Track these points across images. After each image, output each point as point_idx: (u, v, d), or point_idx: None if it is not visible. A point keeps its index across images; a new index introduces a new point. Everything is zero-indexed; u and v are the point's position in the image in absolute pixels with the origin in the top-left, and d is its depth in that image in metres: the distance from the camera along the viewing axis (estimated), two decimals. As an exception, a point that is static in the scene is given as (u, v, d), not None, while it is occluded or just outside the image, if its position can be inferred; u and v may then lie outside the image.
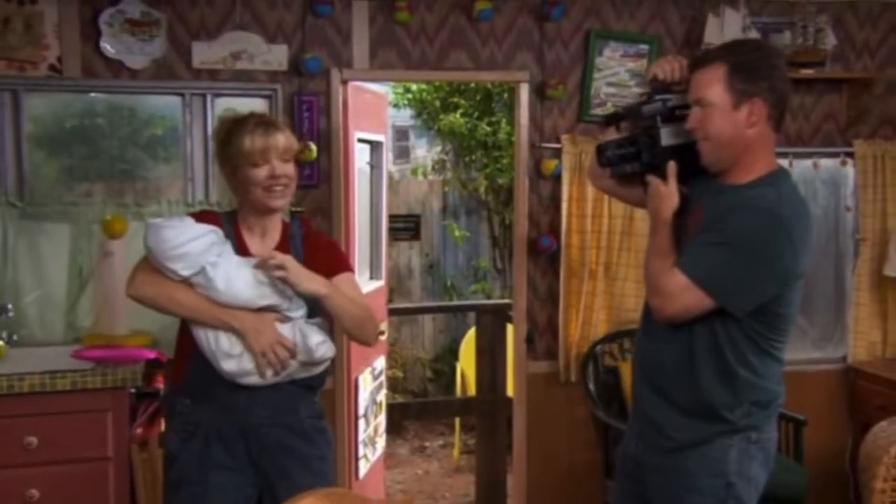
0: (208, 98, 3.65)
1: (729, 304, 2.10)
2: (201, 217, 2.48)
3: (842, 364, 4.32)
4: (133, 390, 3.04)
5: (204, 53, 3.61)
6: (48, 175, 3.70)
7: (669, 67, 2.30)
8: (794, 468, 3.63)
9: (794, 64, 3.98)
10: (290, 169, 2.44)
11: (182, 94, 3.65)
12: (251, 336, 2.33)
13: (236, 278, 2.35)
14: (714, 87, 2.12)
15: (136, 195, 3.73)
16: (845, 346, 4.32)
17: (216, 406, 2.38)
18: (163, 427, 3.12)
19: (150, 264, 2.38)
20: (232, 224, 2.50)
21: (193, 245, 2.33)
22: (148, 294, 2.38)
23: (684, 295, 2.11)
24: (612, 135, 2.47)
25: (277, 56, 3.67)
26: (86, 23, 3.51)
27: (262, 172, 2.38)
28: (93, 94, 3.68)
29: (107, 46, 3.51)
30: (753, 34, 3.89)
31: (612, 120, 2.51)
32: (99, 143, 3.72)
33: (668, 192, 2.22)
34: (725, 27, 3.85)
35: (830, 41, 4.02)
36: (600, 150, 2.46)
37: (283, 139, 2.42)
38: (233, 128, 2.42)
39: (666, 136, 2.27)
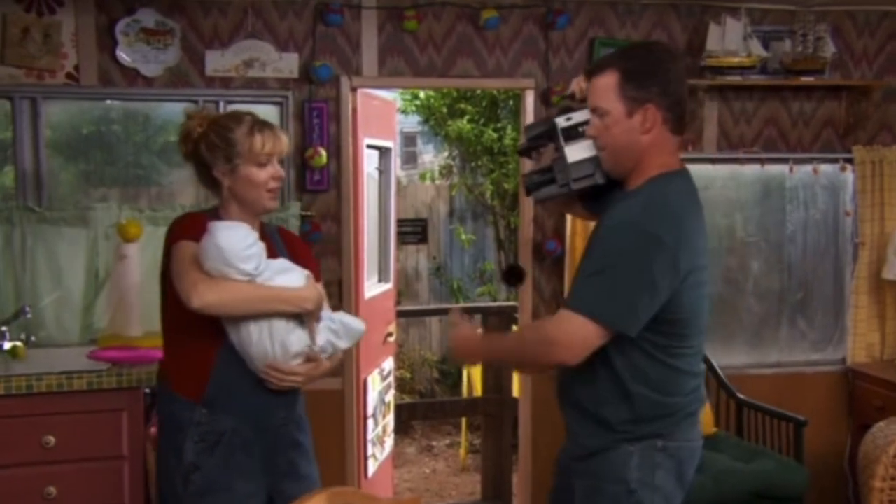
0: (221, 105, 3.65)
1: (620, 329, 2.00)
2: (191, 219, 2.41)
3: (841, 366, 4.32)
4: (147, 390, 3.03)
5: (217, 61, 3.63)
6: (65, 180, 3.72)
7: (576, 84, 2.29)
8: (794, 468, 3.62)
9: (795, 72, 3.98)
10: (283, 170, 2.45)
11: (195, 101, 3.64)
12: (320, 302, 2.38)
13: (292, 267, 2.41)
14: (607, 95, 2.07)
15: (150, 200, 3.74)
16: (844, 348, 4.31)
17: (237, 413, 2.35)
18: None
19: (199, 270, 2.26)
20: None
21: (258, 244, 2.33)
22: (222, 299, 2.23)
23: (580, 334, 1.99)
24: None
25: (288, 64, 3.68)
26: (102, 32, 3.52)
27: (265, 173, 2.36)
28: (109, 102, 3.69)
29: (122, 55, 3.53)
30: (754, 43, 3.89)
31: (524, 153, 2.52)
32: (115, 149, 3.73)
33: (459, 338, 2.20)
34: (727, 35, 3.85)
35: (830, 49, 4.01)
36: (524, 178, 2.46)
37: (286, 141, 2.43)
38: (230, 125, 2.37)
39: (572, 153, 2.25)
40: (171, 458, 2.38)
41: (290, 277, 2.36)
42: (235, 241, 2.26)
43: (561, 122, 2.29)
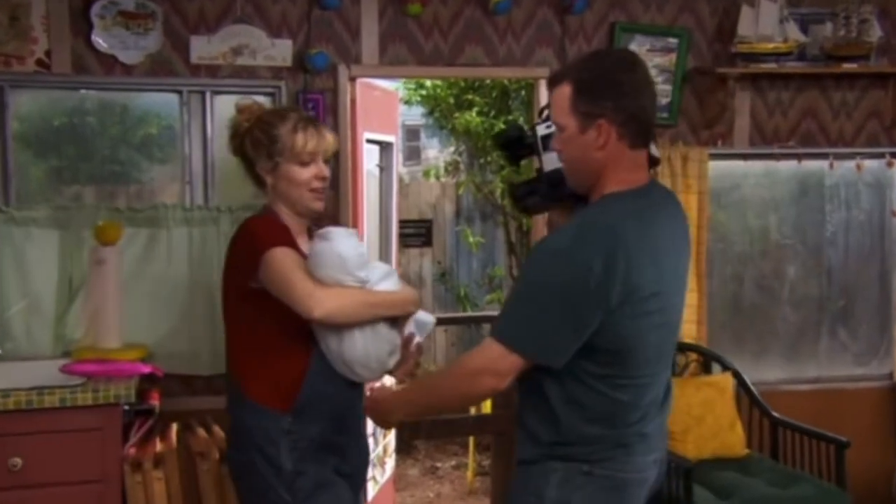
0: (207, 95, 3.64)
1: (542, 362, 2.05)
2: (269, 224, 2.50)
3: (888, 381, 4.29)
4: (126, 407, 3.00)
5: (203, 48, 3.60)
6: (35, 177, 3.68)
7: None
8: (836, 494, 3.56)
9: (836, 58, 3.95)
10: (328, 170, 2.58)
11: (179, 92, 3.63)
12: (419, 304, 2.64)
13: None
14: (562, 109, 2.10)
15: (129, 199, 3.71)
16: (891, 362, 4.29)
17: (323, 419, 2.49)
18: (158, 447, 3.11)
19: (310, 279, 2.36)
20: None
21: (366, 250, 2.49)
22: (343, 307, 2.38)
23: (503, 363, 2.05)
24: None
25: (281, 51, 3.66)
26: (76, 15, 3.49)
27: (307, 172, 2.50)
28: (83, 91, 3.66)
29: (99, 40, 3.50)
30: (791, 27, 3.86)
31: (509, 162, 2.59)
32: (90, 143, 3.69)
33: (371, 401, 2.39)
34: (761, 18, 3.82)
35: (876, 33, 3.97)
36: (511, 186, 2.55)
37: (332, 139, 2.56)
38: (275, 121, 2.50)
39: (549, 162, 2.33)
40: (265, 472, 2.47)
41: (391, 282, 2.55)
42: (354, 248, 2.42)
43: (541, 129, 2.36)
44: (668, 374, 2.23)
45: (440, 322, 7.49)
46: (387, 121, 4.43)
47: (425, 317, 2.66)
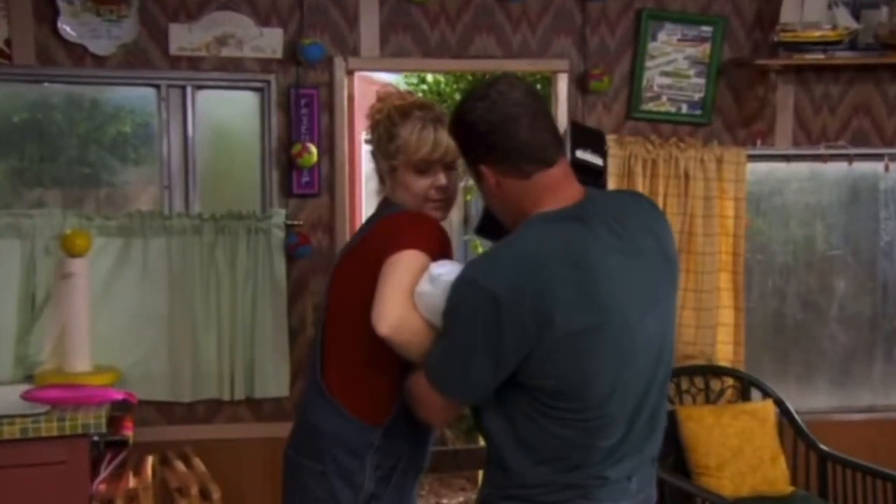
0: (188, 90, 3.66)
1: (458, 400, 2.12)
2: (439, 226, 2.44)
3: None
4: (96, 438, 2.99)
5: (183, 38, 3.61)
6: (-7, 180, 3.71)
7: None
8: (897, 539, 3.55)
9: (893, 47, 3.93)
10: (453, 178, 2.48)
11: (157, 86, 3.66)
12: None
13: None
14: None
15: (99, 204, 3.73)
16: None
17: (408, 437, 2.47)
18: (131, 482, 3.09)
19: (412, 300, 2.27)
20: None
21: None
22: (411, 340, 2.28)
23: (426, 398, 2.14)
24: None
25: (271, 41, 3.67)
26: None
27: (422, 182, 2.43)
28: (47, 84, 3.67)
29: (66, 28, 3.51)
30: (841, 12, 3.85)
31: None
32: (55, 142, 3.71)
33: None
34: (806, 4, 3.82)
35: (938, 18, 3.96)
36: None
37: (447, 144, 2.44)
38: (398, 118, 2.45)
39: None
40: (339, 489, 2.45)
41: None
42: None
43: None
44: (647, 413, 2.11)
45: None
46: (388, 119, 4.42)
47: None
